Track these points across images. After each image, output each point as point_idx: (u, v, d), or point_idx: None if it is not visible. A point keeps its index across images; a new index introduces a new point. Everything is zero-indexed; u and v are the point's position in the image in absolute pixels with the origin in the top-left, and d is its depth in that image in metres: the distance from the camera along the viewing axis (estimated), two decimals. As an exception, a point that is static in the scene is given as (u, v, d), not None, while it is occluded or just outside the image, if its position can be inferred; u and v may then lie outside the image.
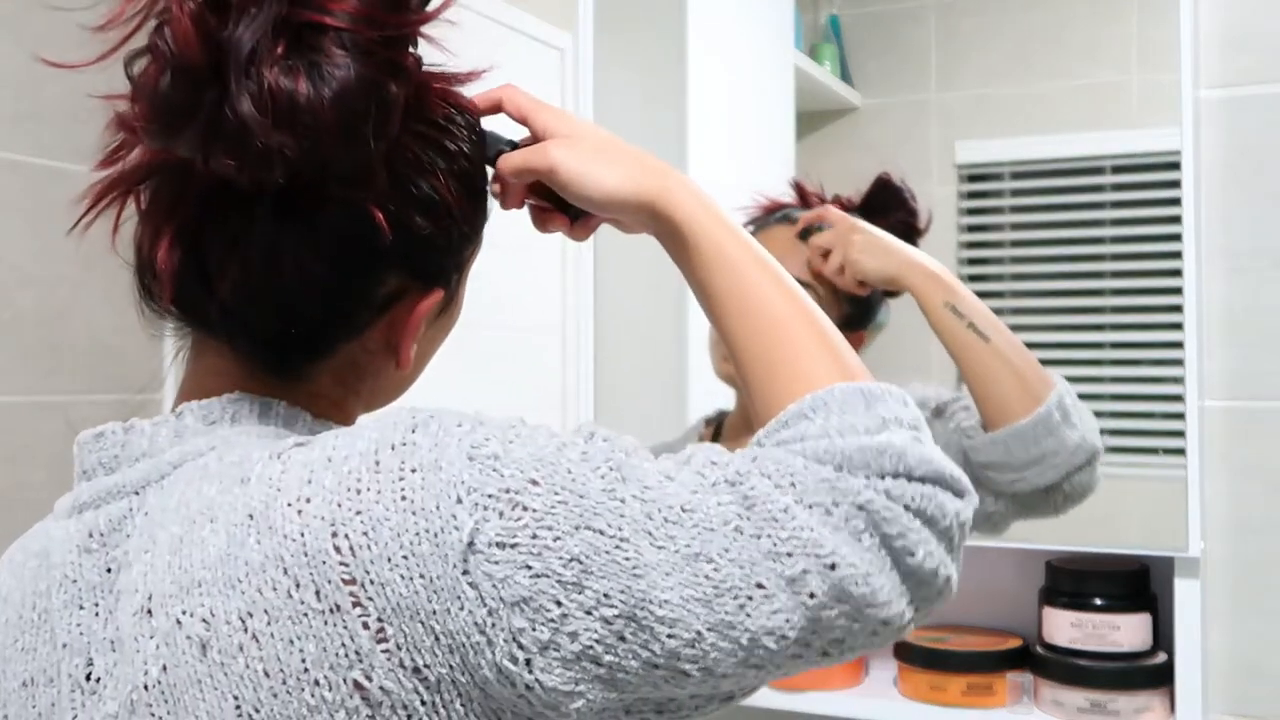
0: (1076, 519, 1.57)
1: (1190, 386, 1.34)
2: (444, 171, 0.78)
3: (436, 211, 0.77)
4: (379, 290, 0.77)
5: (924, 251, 1.47)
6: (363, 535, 0.63)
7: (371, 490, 0.64)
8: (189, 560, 0.66)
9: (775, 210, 1.61)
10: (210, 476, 0.69)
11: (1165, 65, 1.41)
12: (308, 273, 0.73)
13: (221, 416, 0.74)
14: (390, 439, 0.66)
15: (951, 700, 1.40)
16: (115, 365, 1.43)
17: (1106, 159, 1.59)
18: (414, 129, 0.76)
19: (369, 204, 0.73)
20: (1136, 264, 1.57)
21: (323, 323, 0.77)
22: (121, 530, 0.72)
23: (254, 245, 0.73)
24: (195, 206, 0.73)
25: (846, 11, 1.77)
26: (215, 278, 0.74)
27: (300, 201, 0.72)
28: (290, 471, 0.67)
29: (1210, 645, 1.39)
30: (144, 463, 0.73)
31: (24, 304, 1.36)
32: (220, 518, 0.67)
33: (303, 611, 0.63)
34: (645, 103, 1.80)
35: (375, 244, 0.74)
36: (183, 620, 0.65)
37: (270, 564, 0.64)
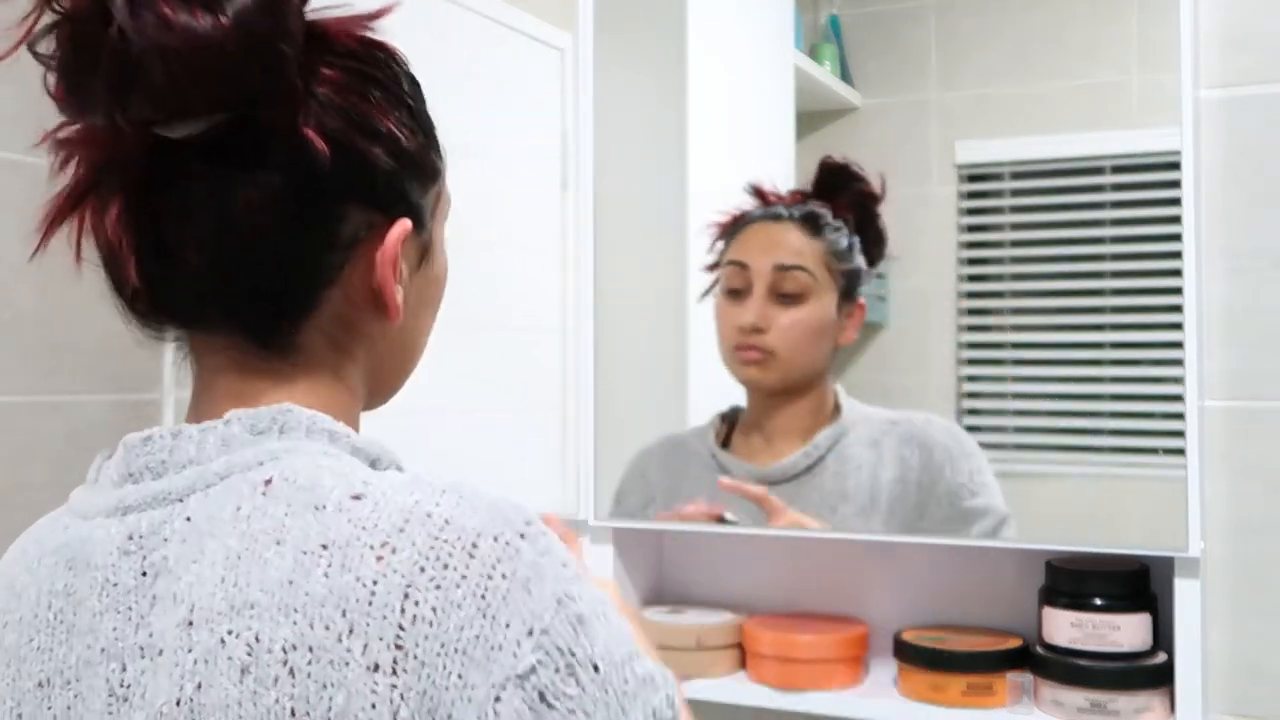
0: (1076, 519, 1.57)
1: (1190, 386, 1.34)
2: (374, 98, 0.77)
3: (375, 133, 0.77)
4: (340, 226, 0.76)
5: (924, 250, 1.49)
6: (431, 610, 0.63)
7: (458, 572, 0.64)
8: (246, 579, 0.66)
9: (741, 218, 1.65)
10: (276, 497, 0.68)
11: (1165, 65, 1.40)
12: (261, 216, 0.73)
13: (270, 427, 0.73)
14: (496, 529, 0.66)
15: (951, 700, 1.40)
16: (115, 365, 1.43)
17: (1106, 159, 1.59)
18: (327, 59, 0.76)
19: (302, 128, 0.72)
20: (1136, 264, 1.57)
21: (292, 269, 0.75)
22: (159, 534, 0.71)
23: (202, 201, 0.72)
24: (136, 178, 0.73)
25: (846, 11, 1.77)
26: (176, 250, 0.73)
27: (235, 143, 0.71)
28: (379, 513, 0.66)
29: (1210, 645, 1.39)
30: (190, 470, 0.72)
31: (24, 304, 1.36)
32: (289, 541, 0.66)
33: (345, 660, 0.63)
34: (645, 103, 1.79)
35: (320, 173, 0.73)
36: (227, 640, 0.65)
37: (331, 601, 0.63)
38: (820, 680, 1.47)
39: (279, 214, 0.73)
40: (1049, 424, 1.66)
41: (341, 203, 0.76)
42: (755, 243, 1.63)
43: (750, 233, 1.64)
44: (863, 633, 1.51)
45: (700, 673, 1.52)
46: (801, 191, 1.65)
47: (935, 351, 1.67)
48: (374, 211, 0.78)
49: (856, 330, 1.61)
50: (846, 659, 1.49)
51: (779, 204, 1.64)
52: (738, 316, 1.61)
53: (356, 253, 0.78)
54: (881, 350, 1.66)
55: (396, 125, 0.78)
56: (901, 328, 1.66)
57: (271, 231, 0.73)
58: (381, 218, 0.79)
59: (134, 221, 0.73)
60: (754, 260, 1.61)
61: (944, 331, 1.66)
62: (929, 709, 1.41)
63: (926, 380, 1.67)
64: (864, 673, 1.52)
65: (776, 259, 1.60)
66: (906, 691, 1.45)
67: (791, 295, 1.59)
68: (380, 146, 0.77)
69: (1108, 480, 1.54)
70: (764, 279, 1.59)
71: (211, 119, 0.70)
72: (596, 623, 0.66)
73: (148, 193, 0.73)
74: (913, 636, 1.46)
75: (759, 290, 1.60)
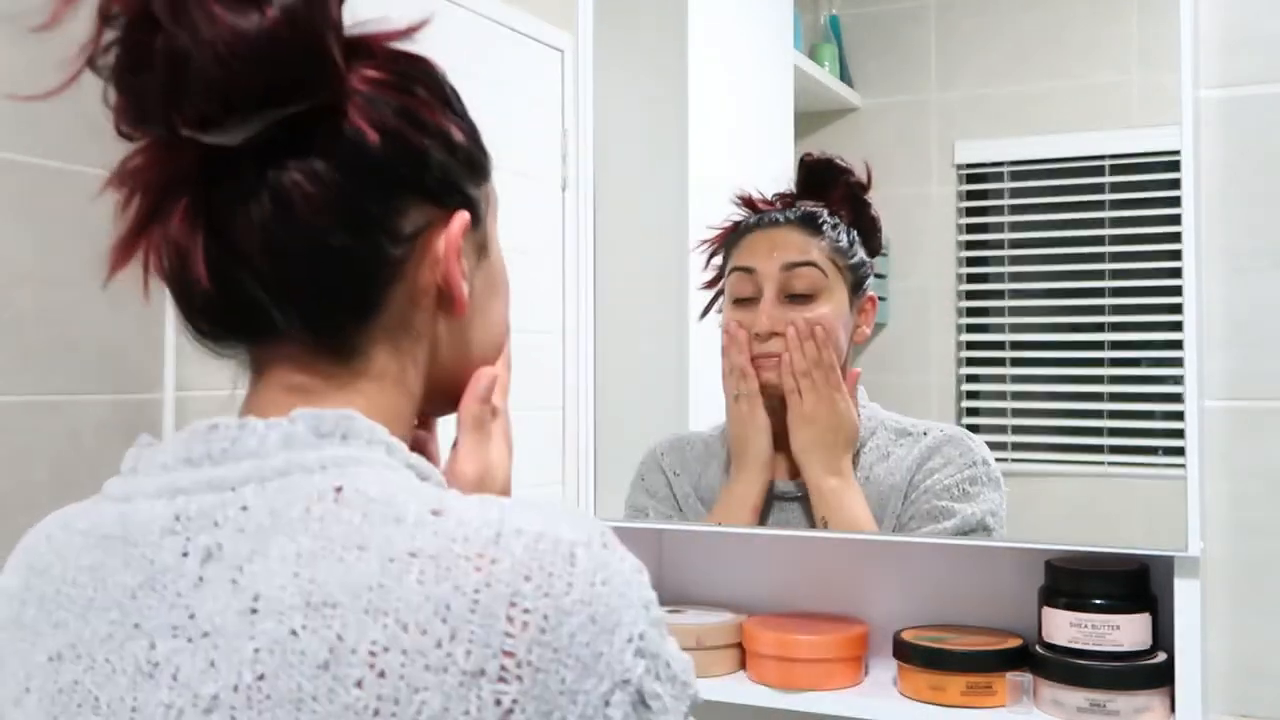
0: (1076, 519, 1.57)
1: (1190, 386, 1.34)
2: (420, 95, 0.79)
3: (424, 127, 0.78)
4: (400, 220, 0.78)
5: (924, 250, 1.49)
6: (543, 618, 0.65)
7: (564, 580, 0.67)
8: (324, 577, 0.66)
9: (738, 228, 1.65)
10: (349, 504, 0.69)
11: (1165, 65, 1.40)
12: (320, 211, 0.74)
13: (333, 431, 0.74)
14: (585, 538, 0.69)
15: (951, 700, 1.40)
16: (115, 365, 1.43)
17: (1106, 159, 1.59)
18: (369, 62, 0.77)
19: (352, 119, 0.74)
20: (1136, 264, 1.57)
21: (355, 265, 0.76)
22: (209, 517, 0.71)
23: (261, 201, 0.73)
24: (196, 185, 0.73)
25: (846, 12, 1.77)
26: (239, 253, 0.74)
27: (287, 140, 0.73)
28: (466, 526, 0.68)
29: (1210, 645, 1.39)
30: (249, 462, 0.73)
31: (24, 304, 1.36)
32: (372, 547, 0.67)
33: (444, 665, 0.64)
34: (645, 102, 1.80)
35: (374, 164, 0.75)
36: (300, 633, 0.65)
37: (429, 606, 0.65)
38: (820, 680, 1.47)
39: (338, 208, 0.74)
40: (1049, 424, 1.66)
41: (399, 196, 0.77)
42: (758, 247, 1.61)
43: (751, 240, 1.63)
44: (863, 633, 1.51)
45: (700, 673, 1.50)
46: (789, 194, 1.64)
47: (935, 351, 1.67)
48: (431, 205, 0.79)
49: (871, 325, 1.60)
50: (846, 659, 1.49)
51: (772, 210, 1.64)
52: (751, 322, 1.59)
53: (418, 247, 0.79)
54: (881, 350, 1.67)
55: (445, 120, 0.80)
56: (901, 327, 1.66)
57: (332, 226, 0.74)
58: (439, 211, 0.80)
59: (199, 225, 0.74)
60: (760, 264, 1.60)
61: (944, 331, 1.67)
62: (929, 709, 1.41)
63: (926, 380, 1.67)
64: (864, 673, 1.52)
65: (783, 259, 1.58)
66: (906, 691, 1.45)
67: (802, 295, 1.58)
68: (431, 139, 0.79)
69: (1108, 480, 1.54)
70: (773, 281, 1.58)
71: (265, 118, 0.71)
72: (665, 626, 0.71)
73: (208, 198, 0.74)
74: (912, 636, 1.46)
75: (769, 293, 1.58)
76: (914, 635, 1.47)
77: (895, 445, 1.56)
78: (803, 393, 1.54)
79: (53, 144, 1.37)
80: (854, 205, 1.61)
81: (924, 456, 1.54)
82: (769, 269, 1.59)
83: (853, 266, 1.59)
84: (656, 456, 1.68)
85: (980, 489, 1.51)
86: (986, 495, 1.50)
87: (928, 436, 1.55)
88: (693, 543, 1.69)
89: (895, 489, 1.53)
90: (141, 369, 1.46)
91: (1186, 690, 1.32)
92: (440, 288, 0.81)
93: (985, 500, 1.50)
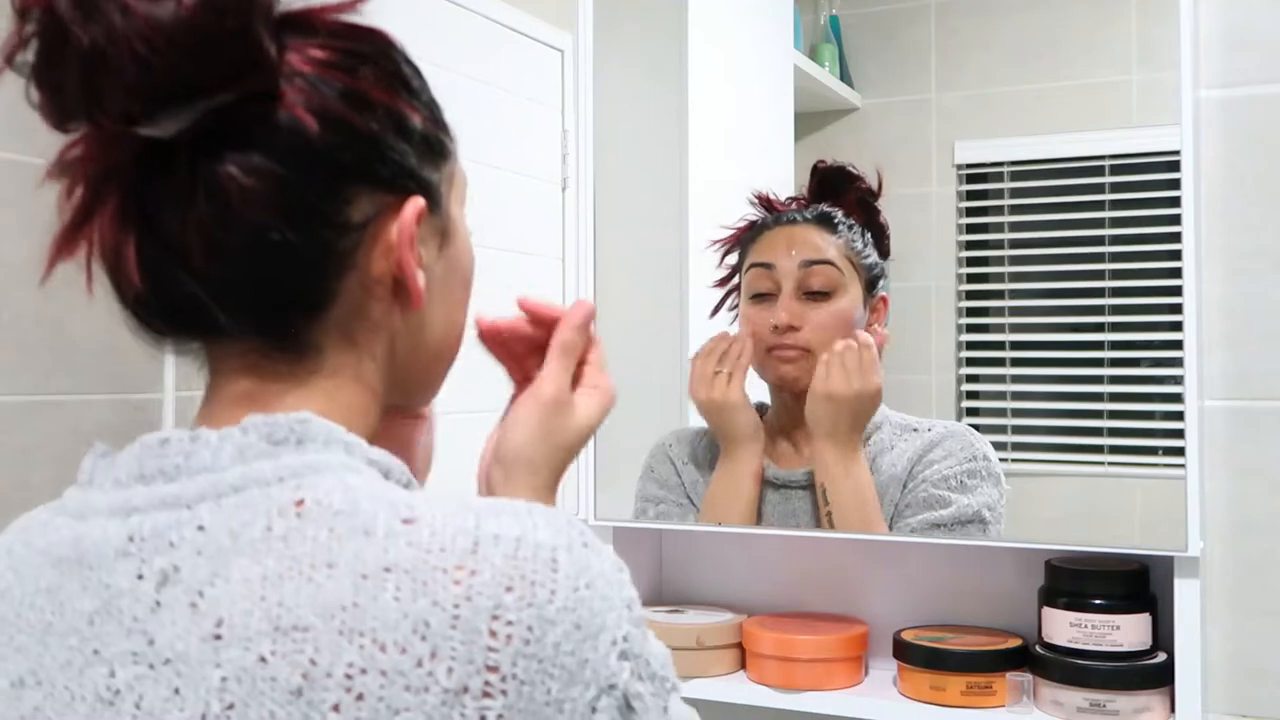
0: (1076, 519, 1.57)
1: (1190, 386, 1.34)
2: (366, 74, 0.75)
3: (371, 108, 0.74)
4: (347, 209, 0.74)
5: (924, 251, 1.49)
6: (527, 629, 0.63)
7: (547, 589, 0.65)
8: (293, 600, 0.64)
9: (755, 225, 1.66)
10: (312, 519, 0.67)
11: (1165, 65, 1.40)
12: (260, 205, 0.70)
13: (287, 438, 0.71)
14: (566, 541, 0.67)
15: (951, 700, 1.40)
16: (115, 365, 1.43)
17: (1106, 159, 1.59)
18: (312, 41, 0.73)
19: (288, 106, 0.70)
20: (1136, 264, 1.57)
21: (301, 259, 0.73)
22: (164, 538, 0.69)
23: (197, 196, 0.70)
24: (130, 181, 0.71)
25: (846, 12, 1.77)
26: (178, 251, 0.71)
27: (222, 132, 0.69)
28: (441, 536, 0.66)
29: (1210, 645, 1.39)
30: (204, 477, 0.70)
31: (24, 304, 1.36)
32: (341, 564, 0.64)
33: (424, 684, 0.62)
34: (645, 103, 1.80)
35: (316, 153, 0.71)
36: (269, 660, 0.63)
37: (407, 624, 0.63)
38: (820, 680, 1.47)
39: (278, 202, 0.70)
40: (1049, 424, 1.66)
41: (345, 184, 0.74)
42: (777, 244, 1.63)
43: (769, 237, 1.64)
44: (863, 633, 1.51)
45: (700, 673, 1.52)
46: (802, 197, 1.66)
47: (935, 351, 1.67)
48: (383, 191, 0.75)
49: (884, 324, 1.61)
50: (846, 659, 1.49)
51: (788, 209, 1.65)
52: (769, 317, 1.60)
53: (369, 236, 0.75)
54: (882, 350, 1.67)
55: (396, 100, 0.76)
56: (902, 327, 1.66)
57: (272, 221, 0.71)
58: (392, 198, 0.76)
59: (131, 222, 0.71)
60: (779, 260, 1.61)
61: (944, 331, 1.67)
62: (929, 709, 1.41)
63: (927, 380, 1.68)
64: (864, 673, 1.52)
65: (802, 256, 1.60)
66: (906, 691, 1.45)
67: (820, 292, 1.59)
68: (378, 121, 0.75)
69: (1108, 480, 1.54)
70: (791, 277, 1.59)
71: (194, 110, 0.68)
72: (644, 622, 0.70)
73: (143, 194, 0.71)
74: (912, 636, 1.46)
75: (787, 289, 1.59)
76: (914, 635, 1.47)
77: (899, 439, 1.56)
78: (830, 368, 1.55)
79: (52, 144, 1.37)
80: (865, 210, 1.62)
81: (926, 448, 1.54)
82: (787, 265, 1.60)
83: (867, 266, 1.61)
84: (665, 448, 1.69)
85: (979, 482, 1.51)
86: (984, 489, 1.51)
87: (931, 432, 1.56)
88: (693, 543, 1.69)
89: (895, 479, 1.54)
90: (141, 369, 1.46)
91: (1186, 690, 1.32)
92: (395, 277, 0.77)
93: (983, 494, 1.50)
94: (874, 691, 1.48)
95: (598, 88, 1.67)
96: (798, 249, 1.61)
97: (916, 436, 1.56)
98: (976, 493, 1.51)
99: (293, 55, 0.72)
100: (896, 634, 1.48)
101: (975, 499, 1.50)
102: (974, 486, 1.51)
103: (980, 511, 1.50)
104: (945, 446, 1.54)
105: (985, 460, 1.53)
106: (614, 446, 1.65)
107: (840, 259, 1.60)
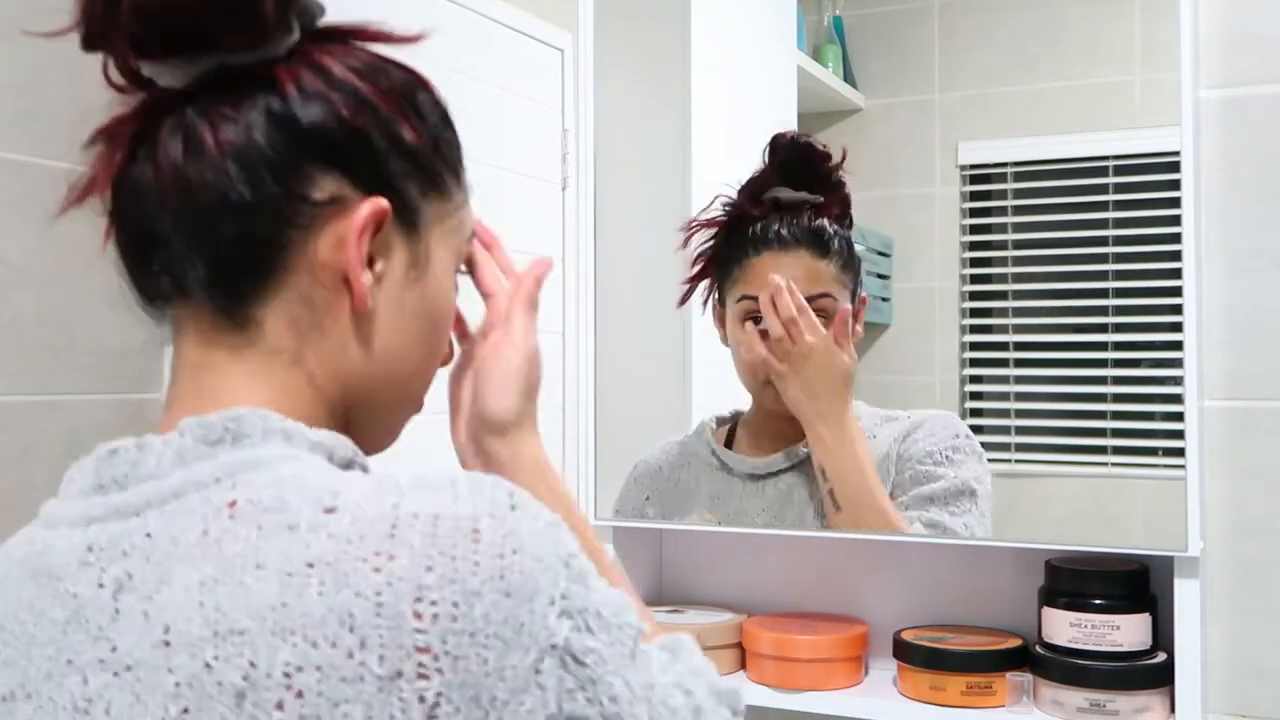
0: (1078, 519, 1.57)
1: (1190, 386, 1.34)
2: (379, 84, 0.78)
3: (367, 107, 0.77)
4: (308, 186, 0.75)
5: (927, 251, 1.49)
6: (452, 605, 0.63)
7: (469, 561, 0.65)
8: (228, 604, 0.65)
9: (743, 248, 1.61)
10: (243, 519, 0.68)
11: (1168, 65, 1.40)
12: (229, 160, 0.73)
13: (223, 436, 0.72)
14: (489, 509, 0.67)
15: (951, 700, 1.40)
16: (115, 365, 1.44)
17: (1109, 159, 1.59)
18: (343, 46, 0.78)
19: (288, 84, 0.74)
20: (1140, 265, 1.57)
21: (254, 223, 0.75)
22: (118, 547, 0.70)
23: (177, 144, 0.74)
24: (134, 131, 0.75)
25: (849, 12, 1.77)
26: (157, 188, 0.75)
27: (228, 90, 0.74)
28: (361, 523, 0.66)
29: (1210, 645, 1.39)
30: (150, 484, 0.71)
31: (24, 304, 1.36)
32: (269, 564, 0.65)
33: (359, 675, 0.62)
34: (647, 103, 1.80)
35: (303, 128, 0.74)
36: (213, 665, 0.64)
37: (334, 618, 0.63)
38: (820, 680, 1.47)
39: (245, 158, 0.73)
40: (1052, 424, 1.66)
41: (314, 161, 0.75)
42: (767, 276, 1.56)
43: (759, 266, 1.58)
44: (863, 633, 1.51)
45: (700, 673, 1.52)
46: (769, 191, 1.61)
47: (938, 351, 1.67)
48: (350, 183, 0.77)
49: (862, 321, 1.60)
50: (846, 659, 1.49)
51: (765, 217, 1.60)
52: (758, 337, 1.55)
53: (322, 222, 0.76)
54: (884, 350, 1.67)
55: (397, 113, 0.78)
56: (904, 328, 1.67)
57: (237, 177, 0.73)
58: (357, 191, 0.77)
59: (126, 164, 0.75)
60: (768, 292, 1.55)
61: (947, 331, 1.67)
62: (929, 709, 1.41)
63: (930, 380, 1.68)
64: (864, 673, 1.52)
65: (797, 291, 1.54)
66: (906, 691, 1.45)
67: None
68: (371, 122, 0.77)
69: (1108, 480, 1.54)
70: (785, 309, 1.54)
71: (199, 64, 0.73)
72: (590, 575, 0.69)
73: (141, 139, 0.75)
74: (912, 636, 1.46)
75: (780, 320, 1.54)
76: (914, 635, 1.46)
77: (880, 428, 1.56)
78: (793, 340, 1.52)
79: (53, 144, 1.37)
80: (836, 192, 1.59)
81: (908, 430, 1.54)
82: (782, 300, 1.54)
83: (854, 271, 1.59)
84: (642, 467, 1.69)
85: (964, 457, 1.51)
86: (970, 464, 1.51)
87: (911, 418, 1.56)
88: (693, 543, 1.69)
89: (885, 457, 1.53)
90: (141, 369, 1.47)
91: (1186, 690, 1.32)
92: (342, 273, 0.77)
93: (969, 468, 1.50)
94: (874, 691, 1.48)
95: (598, 87, 1.67)
96: (790, 283, 1.54)
97: (896, 423, 1.56)
98: (963, 466, 1.50)
99: (323, 55, 0.76)
100: (896, 634, 1.48)
101: (963, 472, 1.50)
102: (960, 461, 1.51)
103: (969, 482, 1.49)
104: (927, 427, 1.55)
105: (968, 439, 1.54)
106: (614, 446, 1.65)
107: (835, 286, 1.57)
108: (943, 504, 1.49)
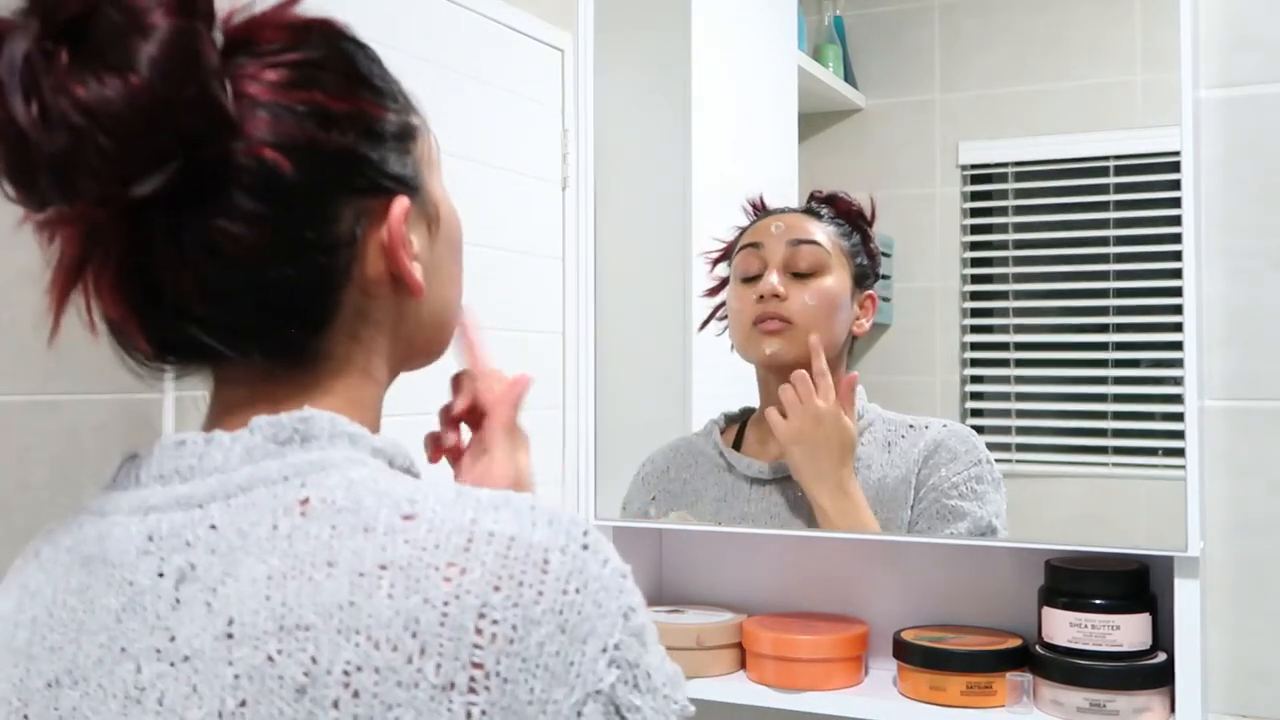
0: (1078, 519, 1.56)
1: (1190, 386, 1.34)
2: (325, 84, 0.74)
3: (336, 121, 0.74)
4: (336, 227, 0.75)
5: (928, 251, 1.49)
6: (511, 628, 0.64)
7: (534, 589, 0.66)
8: (296, 599, 0.66)
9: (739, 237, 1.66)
10: (316, 517, 0.68)
11: (1168, 65, 1.40)
12: (251, 246, 0.71)
13: (292, 436, 0.73)
14: (563, 543, 0.68)
15: (951, 700, 1.40)
16: (115, 365, 1.43)
17: (1110, 160, 1.59)
18: (261, 61, 0.73)
19: (256, 149, 0.70)
20: (1140, 265, 1.57)
21: (302, 285, 0.74)
22: (180, 537, 0.70)
23: (188, 249, 0.71)
24: (121, 245, 0.71)
25: (850, 12, 1.77)
26: (179, 304, 0.72)
27: (199, 183, 0.70)
28: (437, 533, 0.67)
29: (1210, 645, 1.39)
30: (215, 478, 0.72)
31: (24, 304, 1.36)
32: (341, 563, 0.66)
33: (414, 681, 0.63)
34: (647, 103, 1.80)
35: (292, 184, 0.71)
36: (276, 659, 0.65)
37: (399, 621, 0.64)
38: (820, 680, 1.47)
39: (269, 242, 0.71)
40: (1051, 424, 1.66)
41: (328, 203, 0.74)
42: (765, 226, 1.64)
43: (759, 223, 1.65)
44: (863, 632, 1.51)
45: (700, 673, 1.52)
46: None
47: (939, 351, 1.67)
48: (365, 198, 0.76)
49: (870, 320, 1.61)
50: (846, 659, 1.49)
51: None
52: (755, 289, 1.60)
53: (360, 246, 0.76)
54: (886, 350, 1.67)
55: (359, 104, 0.76)
56: (905, 328, 1.66)
57: (268, 256, 0.72)
58: (376, 202, 0.77)
59: (130, 288, 0.72)
60: (767, 240, 1.61)
61: (948, 331, 1.67)
62: (929, 709, 1.41)
63: (930, 380, 1.67)
64: (864, 673, 1.52)
65: (789, 235, 1.60)
66: (906, 691, 1.45)
67: (807, 272, 1.58)
68: (347, 134, 0.75)
69: (1108, 480, 1.54)
70: (779, 255, 1.59)
71: (166, 173, 0.68)
72: (649, 634, 0.70)
73: (135, 256, 0.71)
74: (912, 636, 1.46)
75: (775, 265, 1.59)
76: (914, 635, 1.46)
77: (897, 436, 1.56)
78: (788, 407, 1.54)
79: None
80: (859, 228, 1.63)
81: (929, 450, 1.54)
82: (775, 245, 1.60)
83: (854, 257, 1.61)
84: (649, 465, 1.70)
85: (986, 489, 1.51)
86: (992, 496, 1.51)
87: (930, 430, 1.56)
88: (693, 543, 1.69)
89: (903, 481, 1.53)
90: (142, 369, 1.46)
91: (1186, 690, 1.32)
92: (393, 275, 0.78)
93: (992, 502, 1.50)
94: (874, 691, 1.48)
95: (598, 87, 1.67)
96: (787, 231, 1.61)
97: (916, 435, 1.56)
98: (987, 500, 1.50)
99: (248, 84, 0.72)
100: (896, 634, 1.48)
101: (987, 509, 1.50)
102: (983, 493, 1.51)
103: (992, 522, 1.50)
104: (949, 448, 1.54)
105: (989, 464, 1.53)
106: (614, 446, 1.65)
107: (828, 241, 1.60)
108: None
